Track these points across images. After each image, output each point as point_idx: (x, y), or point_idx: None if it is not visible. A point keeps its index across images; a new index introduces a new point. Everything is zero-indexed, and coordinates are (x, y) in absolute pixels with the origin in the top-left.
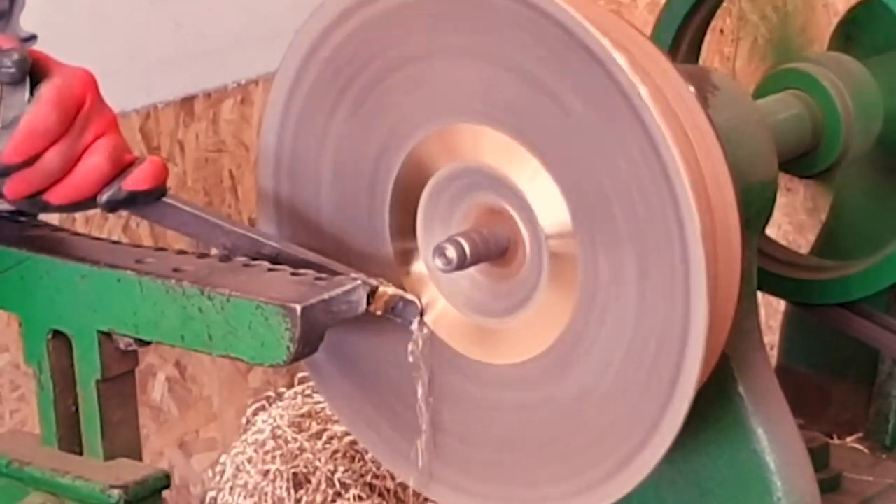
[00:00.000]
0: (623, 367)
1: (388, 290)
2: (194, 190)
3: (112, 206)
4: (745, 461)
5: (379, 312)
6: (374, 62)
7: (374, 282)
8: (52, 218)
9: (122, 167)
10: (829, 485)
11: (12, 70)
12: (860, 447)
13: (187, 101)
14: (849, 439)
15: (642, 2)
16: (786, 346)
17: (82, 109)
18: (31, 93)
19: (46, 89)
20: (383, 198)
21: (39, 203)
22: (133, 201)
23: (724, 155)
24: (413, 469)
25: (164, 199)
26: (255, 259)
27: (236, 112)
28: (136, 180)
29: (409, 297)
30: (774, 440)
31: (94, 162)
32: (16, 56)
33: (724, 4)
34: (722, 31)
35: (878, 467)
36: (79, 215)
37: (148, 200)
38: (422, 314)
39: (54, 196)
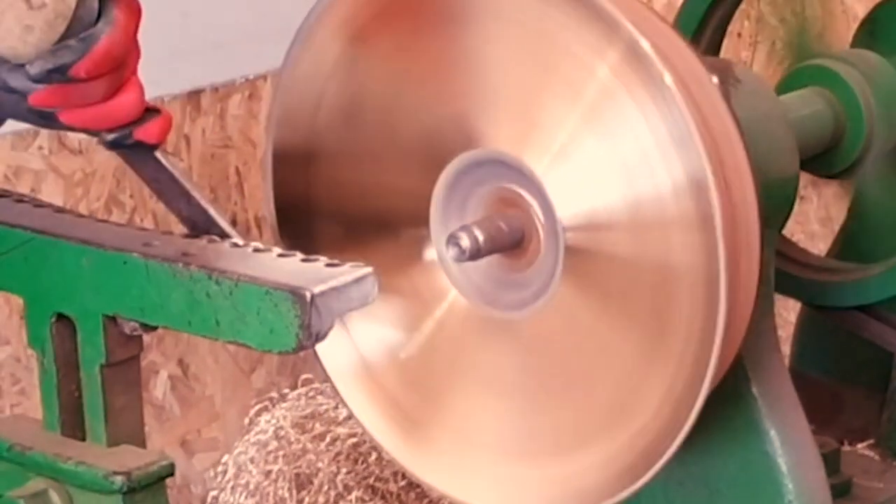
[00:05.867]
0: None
1: None
2: (199, 186)
3: (113, 147)
4: (756, 462)
5: None
6: None
7: None
8: (56, 200)
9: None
10: (840, 490)
11: None
12: (871, 454)
13: (194, 95)
14: (860, 445)
15: (658, 3)
16: (798, 352)
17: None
18: (99, 10)
19: (122, 15)
20: None
21: (50, 117)
22: (133, 148)
23: (745, 147)
24: None
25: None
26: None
27: (243, 108)
28: (148, 132)
29: None
30: (787, 442)
31: (131, 99)
32: None
33: (743, 7)
34: (740, 34)
35: (889, 474)
36: (82, 206)
37: (145, 150)
38: None
39: (72, 117)
